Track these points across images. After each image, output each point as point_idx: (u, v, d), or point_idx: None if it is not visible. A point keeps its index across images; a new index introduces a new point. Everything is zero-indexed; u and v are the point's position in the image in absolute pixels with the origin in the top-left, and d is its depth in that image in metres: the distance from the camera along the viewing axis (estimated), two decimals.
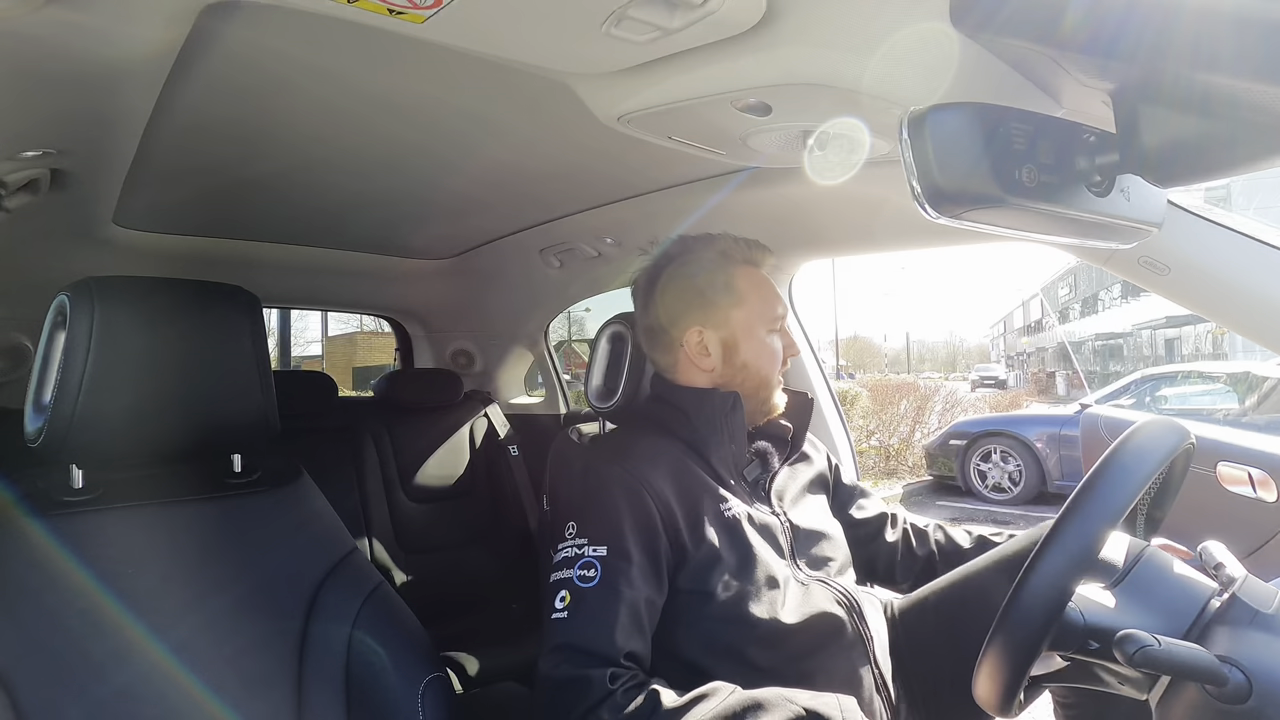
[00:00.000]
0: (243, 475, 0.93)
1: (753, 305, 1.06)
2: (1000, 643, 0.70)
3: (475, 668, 1.65)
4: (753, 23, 0.71)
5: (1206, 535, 0.79)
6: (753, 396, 1.07)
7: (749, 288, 1.07)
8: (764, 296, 1.08)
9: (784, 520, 1.05)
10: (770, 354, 1.07)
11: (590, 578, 0.89)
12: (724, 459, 1.03)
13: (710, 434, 1.03)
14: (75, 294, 0.81)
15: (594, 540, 0.91)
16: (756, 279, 1.09)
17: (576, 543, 0.92)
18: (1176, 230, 0.97)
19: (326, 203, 1.58)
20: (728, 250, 1.08)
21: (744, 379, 1.06)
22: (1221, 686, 0.62)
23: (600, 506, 0.94)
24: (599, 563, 0.89)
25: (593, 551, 0.90)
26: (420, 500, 2.13)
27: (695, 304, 1.07)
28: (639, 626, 0.89)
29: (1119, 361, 22.34)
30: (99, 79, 0.84)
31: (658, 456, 0.99)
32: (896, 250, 1.49)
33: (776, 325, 1.08)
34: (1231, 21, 0.50)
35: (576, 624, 0.87)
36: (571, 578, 0.90)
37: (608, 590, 0.88)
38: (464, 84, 1.00)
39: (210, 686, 0.79)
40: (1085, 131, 0.62)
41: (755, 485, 1.07)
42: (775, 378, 1.08)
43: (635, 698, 0.82)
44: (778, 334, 1.09)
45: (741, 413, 1.04)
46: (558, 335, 2.80)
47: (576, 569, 0.90)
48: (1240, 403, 5.43)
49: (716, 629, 0.93)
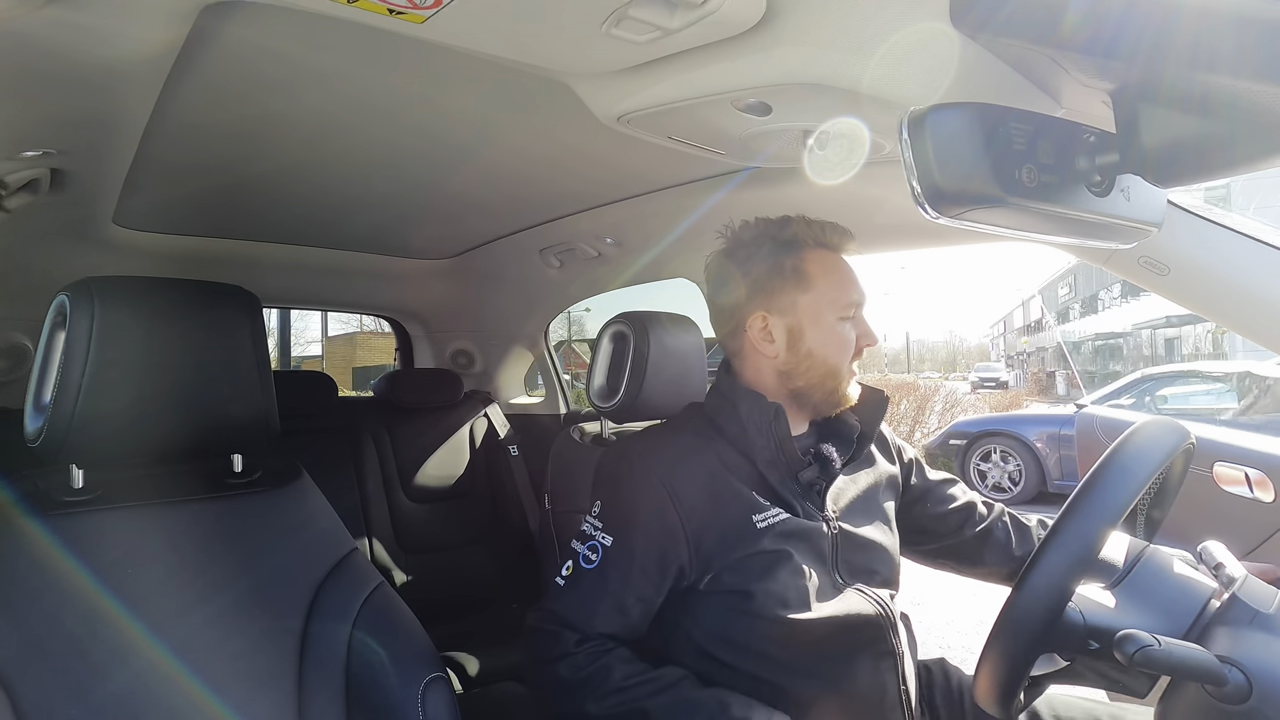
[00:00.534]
0: (243, 475, 0.93)
1: (821, 290, 1.01)
2: (1000, 643, 0.70)
3: (475, 668, 1.65)
4: (753, 23, 0.71)
5: (1203, 535, 0.80)
6: (819, 386, 1.02)
7: (819, 272, 1.01)
8: (835, 282, 1.02)
9: (833, 526, 1.00)
10: (839, 342, 1.01)
11: (592, 560, 0.95)
12: (771, 463, 1.00)
13: (757, 437, 1.00)
14: (75, 294, 0.81)
15: (607, 529, 0.97)
16: (829, 263, 1.02)
17: (595, 523, 0.98)
18: (1176, 230, 0.97)
19: (326, 203, 1.58)
20: (798, 233, 1.03)
21: (809, 367, 1.01)
22: (1221, 686, 0.62)
23: (623, 502, 0.98)
24: (603, 550, 0.95)
25: (602, 539, 0.96)
26: (420, 500, 2.13)
27: (761, 288, 1.02)
28: (622, 615, 0.94)
29: (1119, 361, 22.35)
30: (99, 79, 0.84)
31: (695, 464, 0.98)
32: (896, 250, 1.49)
33: (849, 312, 1.02)
34: (1231, 21, 0.50)
35: (567, 596, 0.95)
36: (580, 552, 0.97)
37: (600, 579, 0.94)
38: (464, 84, 1.00)
39: (210, 686, 0.79)
40: (1085, 131, 0.62)
41: (809, 488, 1.02)
42: (845, 368, 1.02)
43: (593, 662, 0.92)
44: (850, 321, 1.02)
45: (785, 423, 1.00)
46: (558, 335, 2.80)
47: (585, 547, 0.97)
48: (1239, 402, 5.44)
49: (743, 626, 0.94)
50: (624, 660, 0.93)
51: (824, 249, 1.03)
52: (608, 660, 0.92)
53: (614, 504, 0.99)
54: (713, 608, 0.96)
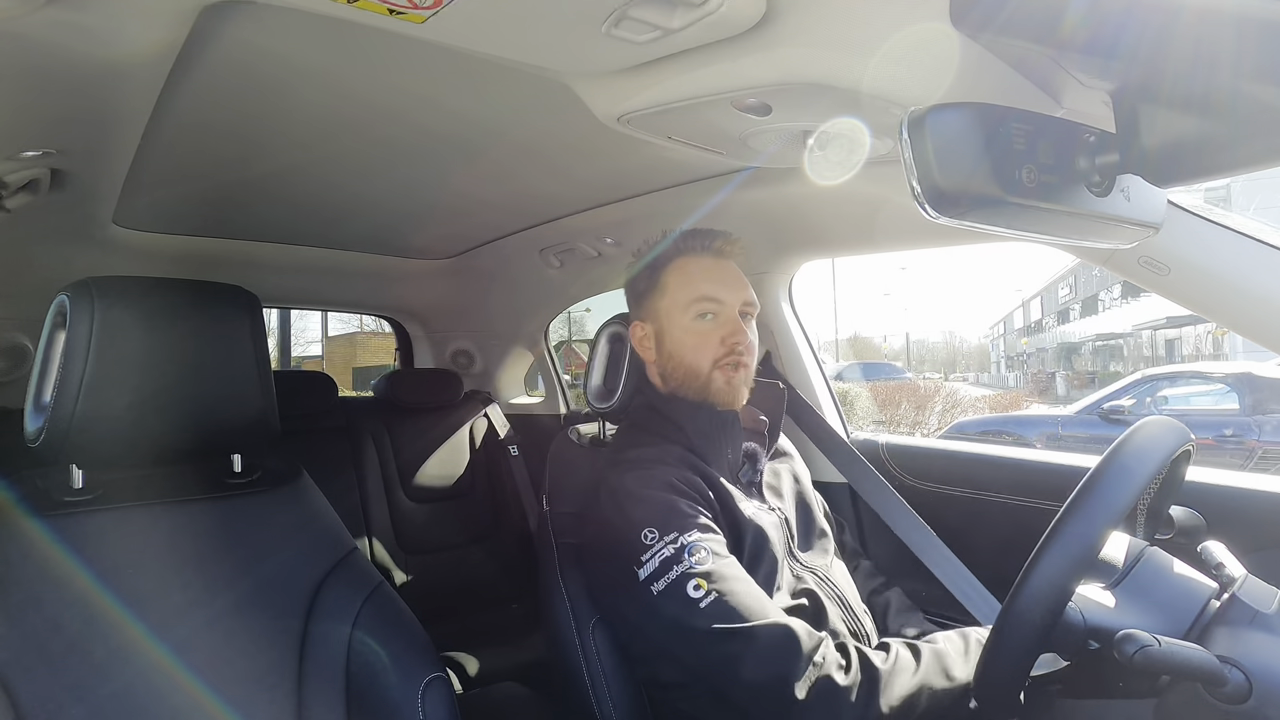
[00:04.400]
0: (243, 475, 0.93)
1: (673, 292, 1.05)
2: (1000, 643, 0.70)
3: (475, 668, 1.65)
4: (753, 23, 0.71)
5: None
6: (687, 386, 1.05)
7: (673, 278, 1.06)
8: (685, 281, 1.05)
9: (781, 515, 1.06)
10: (694, 339, 1.03)
11: (704, 558, 0.86)
12: (721, 465, 1.03)
13: (707, 444, 1.03)
14: (75, 294, 0.81)
15: (681, 529, 0.89)
16: (687, 267, 1.06)
17: (666, 539, 0.88)
18: (1176, 230, 0.97)
19: (326, 203, 1.58)
20: (667, 248, 1.08)
21: (674, 368, 1.05)
22: (1221, 686, 0.62)
23: (655, 499, 0.92)
24: (689, 546, 0.87)
25: (687, 538, 0.88)
26: (420, 500, 2.13)
27: (633, 301, 1.12)
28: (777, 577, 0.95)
29: (1119, 362, 22.34)
30: (99, 79, 0.84)
31: (670, 461, 0.99)
32: (896, 250, 1.49)
33: (702, 309, 1.03)
34: (1231, 21, 0.50)
35: (732, 599, 0.84)
36: (679, 574, 0.85)
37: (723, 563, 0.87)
38: (464, 84, 1.00)
39: (210, 686, 0.79)
40: (1085, 131, 0.62)
41: (750, 486, 1.07)
42: (706, 366, 1.03)
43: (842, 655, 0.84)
44: (711, 320, 1.04)
45: (738, 425, 1.04)
46: (558, 335, 2.80)
47: (679, 567, 0.86)
48: (1240, 403, 5.44)
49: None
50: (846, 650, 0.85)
51: (684, 256, 1.07)
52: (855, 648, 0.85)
53: (659, 516, 0.90)
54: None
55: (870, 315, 76.71)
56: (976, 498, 1.40)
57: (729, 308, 1.04)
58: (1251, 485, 1.11)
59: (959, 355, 41.01)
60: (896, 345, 35.75)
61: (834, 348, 28.21)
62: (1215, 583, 0.75)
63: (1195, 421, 4.89)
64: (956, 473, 1.46)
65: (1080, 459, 1.33)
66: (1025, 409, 9.04)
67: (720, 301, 1.04)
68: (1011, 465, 1.41)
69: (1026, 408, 9.37)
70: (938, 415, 8.69)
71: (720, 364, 1.03)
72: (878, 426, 7.98)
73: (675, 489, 0.94)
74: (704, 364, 1.03)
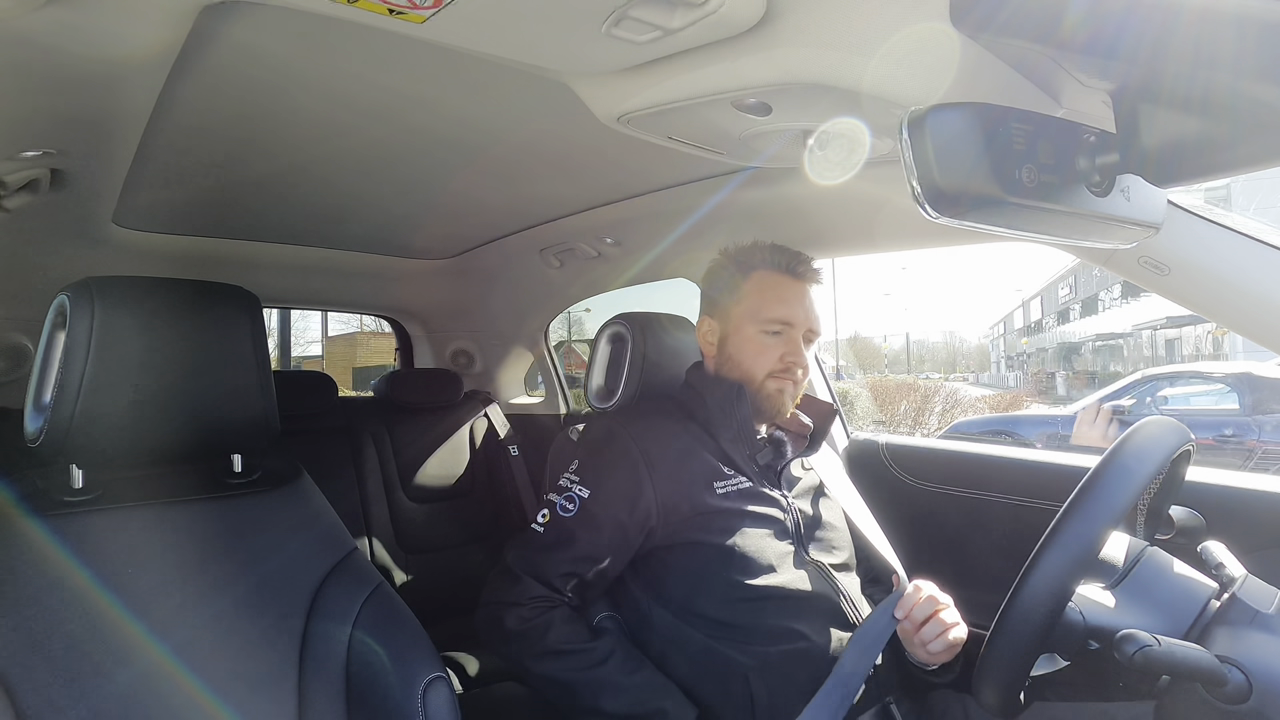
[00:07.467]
0: (243, 475, 0.93)
1: (750, 304, 1.14)
2: (1001, 643, 0.70)
3: (475, 668, 1.65)
4: (753, 23, 0.71)
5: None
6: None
7: (754, 289, 1.14)
8: (765, 299, 1.13)
9: (791, 505, 1.12)
10: (756, 350, 1.13)
11: (569, 509, 1.07)
12: (733, 440, 1.12)
13: (719, 417, 1.13)
14: (75, 294, 0.81)
15: (584, 482, 1.08)
16: (769, 282, 1.14)
17: (572, 477, 1.10)
18: (1176, 230, 0.97)
19: (326, 203, 1.58)
20: (755, 258, 1.16)
21: (729, 370, 1.15)
22: (1221, 686, 0.62)
23: (602, 460, 1.10)
24: (580, 501, 1.07)
25: (579, 490, 1.08)
26: (420, 500, 2.13)
27: (709, 298, 1.21)
28: (592, 563, 1.05)
29: (1119, 362, 22.33)
30: (99, 79, 0.84)
31: (667, 435, 1.12)
32: (896, 250, 1.49)
33: (773, 328, 1.12)
34: (1231, 21, 0.50)
35: (541, 540, 1.07)
36: (557, 503, 1.08)
37: (576, 525, 1.06)
38: (464, 84, 1.00)
39: (210, 686, 0.79)
40: (1085, 131, 0.62)
41: (767, 470, 1.14)
42: (759, 375, 1.12)
43: (537, 616, 1.02)
44: (776, 338, 1.12)
45: (747, 403, 1.12)
46: (558, 335, 2.80)
47: (562, 498, 1.08)
48: (1240, 403, 5.44)
49: (709, 584, 1.04)
50: (565, 620, 1.03)
51: (773, 271, 1.15)
52: (550, 617, 1.02)
53: (593, 462, 1.10)
54: (679, 565, 1.06)
55: (870, 315, 76.74)
56: (976, 498, 1.40)
57: (795, 330, 1.13)
58: (1251, 485, 1.11)
59: (959, 355, 40.97)
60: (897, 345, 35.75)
61: (834, 348, 28.20)
62: (1215, 583, 0.75)
63: (1195, 421, 4.87)
64: (956, 473, 1.46)
65: (1080, 459, 1.33)
66: (1025, 409, 9.03)
67: (790, 324, 1.13)
68: (1011, 465, 1.41)
69: (1026, 408, 9.36)
70: (938, 415, 8.69)
71: (774, 374, 1.13)
72: (878, 426, 7.99)
73: (627, 467, 1.07)
74: (759, 373, 1.13)
